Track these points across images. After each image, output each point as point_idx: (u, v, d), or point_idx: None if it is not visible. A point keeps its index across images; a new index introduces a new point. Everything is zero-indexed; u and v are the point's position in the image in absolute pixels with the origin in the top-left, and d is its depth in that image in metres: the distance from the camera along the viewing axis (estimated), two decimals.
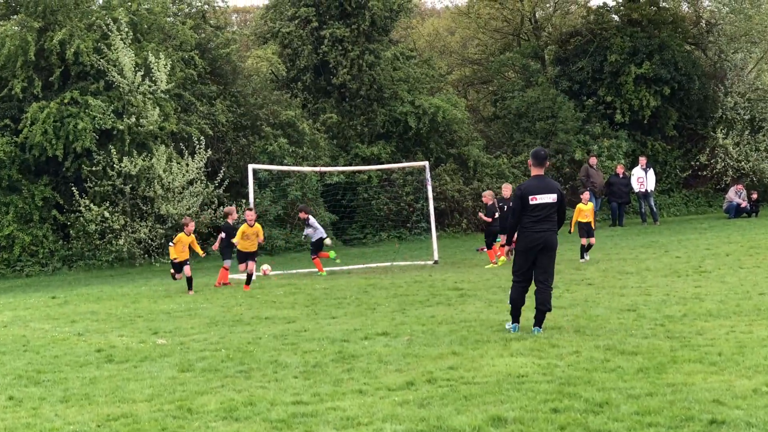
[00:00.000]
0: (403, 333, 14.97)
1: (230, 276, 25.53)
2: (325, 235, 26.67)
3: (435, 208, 30.78)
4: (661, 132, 43.90)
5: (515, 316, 14.84)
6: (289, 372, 12.41)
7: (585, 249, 25.23)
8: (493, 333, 14.43)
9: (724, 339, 13.13)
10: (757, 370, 11.06)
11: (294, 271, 27.04)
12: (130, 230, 31.36)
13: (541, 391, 10.52)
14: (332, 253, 26.76)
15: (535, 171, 14.77)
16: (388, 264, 27.54)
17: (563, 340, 13.66)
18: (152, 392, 11.60)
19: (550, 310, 14.62)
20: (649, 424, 9.01)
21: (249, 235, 23.81)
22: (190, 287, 22.70)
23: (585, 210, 25.22)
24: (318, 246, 26.36)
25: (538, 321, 14.56)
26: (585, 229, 25.03)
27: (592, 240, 25.13)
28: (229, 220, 25.39)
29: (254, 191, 27.86)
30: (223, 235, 25.16)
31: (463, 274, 23.75)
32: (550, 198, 14.51)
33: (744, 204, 38.71)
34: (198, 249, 24.25)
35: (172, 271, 23.79)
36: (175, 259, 23.38)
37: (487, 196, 26.93)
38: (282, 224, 34.44)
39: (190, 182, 31.99)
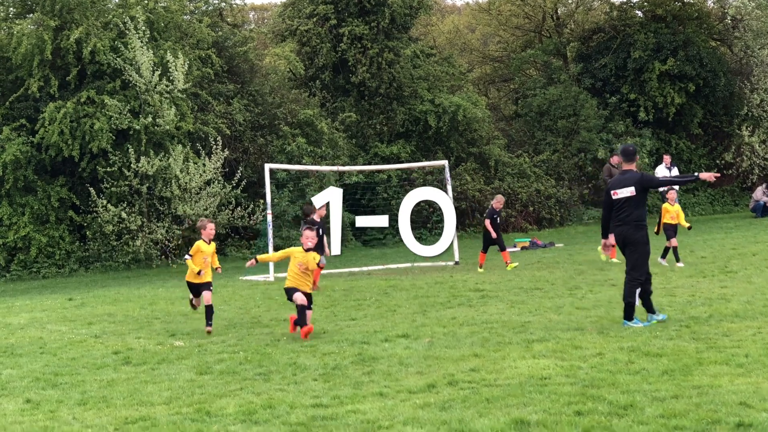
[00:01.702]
0: (424, 335, 14.82)
1: (253, 277, 25.40)
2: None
3: (455, 208, 30.61)
4: (686, 130, 43.65)
5: (646, 307, 15.07)
6: (309, 374, 12.29)
7: (668, 252, 23.81)
8: (515, 334, 14.25)
9: (751, 340, 12.92)
10: None
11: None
12: (147, 231, 31.26)
13: (564, 394, 10.36)
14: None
15: (625, 166, 15.00)
16: (409, 265, 27.37)
17: (586, 341, 13.48)
18: (170, 395, 11.49)
19: (630, 302, 14.65)
20: (674, 428, 8.85)
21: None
22: (209, 320, 16.58)
23: (671, 211, 24.13)
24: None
25: (627, 315, 14.68)
26: (673, 231, 23.81)
27: (674, 242, 23.51)
28: (316, 217, 23.39)
29: (272, 191, 27.73)
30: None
31: (484, 275, 23.56)
32: (628, 192, 14.69)
33: None
34: (215, 262, 18.07)
35: (190, 296, 17.97)
36: (198, 275, 17.42)
37: (499, 201, 26.12)
38: (300, 224, 34.28)
39: (207, 182, 31.88)
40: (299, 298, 15.47)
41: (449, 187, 29.18)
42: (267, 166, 27.53)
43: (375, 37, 37.53)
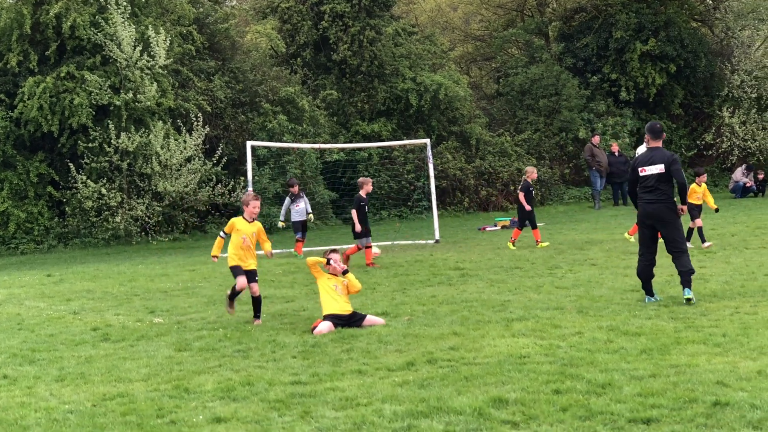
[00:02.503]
0: (404, 313, 14.84)
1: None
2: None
3: (436, 187, 30.60)
4: (667, 110, 43.66)
5: (646, 289, 15.08)
6: (288, 352, 12.31)
7: (692, 233, 22.86)
8: (494, 313, 14.27)
9: (729, 320, 12.98)
10: (762, 352, 10.92)
11: (293, 250, 26.82)
12: (127, 207, 31.14)
13: (543, 372, 10.40)
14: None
15: (651, 143, 14.98)
16: (389, 243, 27.35)
17: (566, 320, 13.52)
18: (148, 372, 11.49)
19: (692, 271, 14.67)
20: (651, 406, 8.89)
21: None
22: (257, 313, 15.00)
23: (698, 191, 23.68)
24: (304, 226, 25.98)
25: (685, 283, 14.61)
26: (698, 211, 23.32)
27: (698, 222, 22.66)
28: (363, 193, 22.50)
29: (253, 169, 27.65)
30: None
31: (464, 254, 23.58)
32: (657, 169, 14.67)
33: (750, 184, 38.53)
34: (266, 243, 15.67)
35: (228, 292, 15.37)
36: (237, 266, 15.06)
37: (532, 173, 25.37)
38: (281, 202, 34.22)
39: (188, 159, 31.75)
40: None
41: (431, 166, 29.15)
42: (248, 144, 27.46)
43: (356, 14, 37.40)
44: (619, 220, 30.78)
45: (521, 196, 24.62)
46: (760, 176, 39.08)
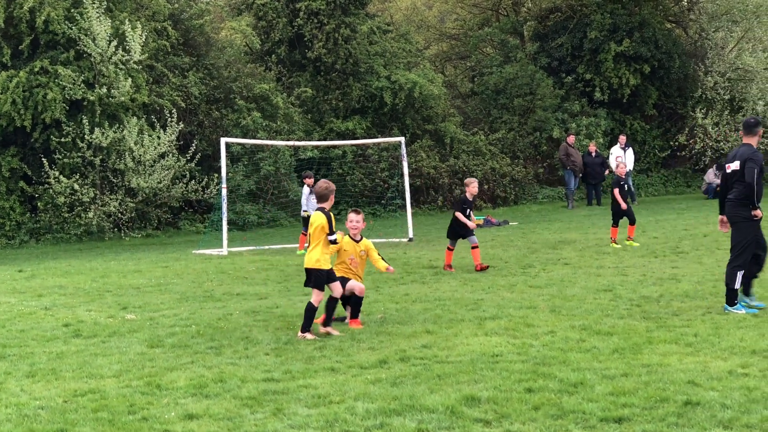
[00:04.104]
0: (377, 311, 14.85)
1: (206, 251, 25.30)
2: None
3: (410, 185, 30.62)
4: (641, 111, 43.82)
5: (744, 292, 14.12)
6: (261, 349, 12.30)
7: None
8: (467, 312, 14.30)
9: (700, 320, 13.06)
10: (733, 352, 11.00)
11: (266, 247, 26.81)
12: (100, 203, 31.00)
13: (515, 371, 10.43)
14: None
15: (744, 139, 14.22)
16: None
17: (538, 319, 13.56)
18: (120, 368, 11.46)
19: (730, 286, 13.72)
20: (623, 405, 8.94)
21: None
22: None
23: None
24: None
25: (726, 298, 13.83)
26: None
27: None
28: (468, 195, 20.68)
29: (227, 165, 27.57)
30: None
31: (438, 252, 23.60)
32: (735, 165, 13.94)
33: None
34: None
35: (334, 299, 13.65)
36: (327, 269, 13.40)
37: (622, 168, 24.48)
38: (255, 199, 34.20)
39: (162, 155, 31.64)
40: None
41: (405, 164, 29.16)
42: (222, 140, 27.39)
43: (332, 12, 37.34)
44: (593, 220, 30.87)
45: (615, 192, 23.71)
46: None
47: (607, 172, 37.49)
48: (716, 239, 23.17)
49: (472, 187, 20.70)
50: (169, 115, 31.85)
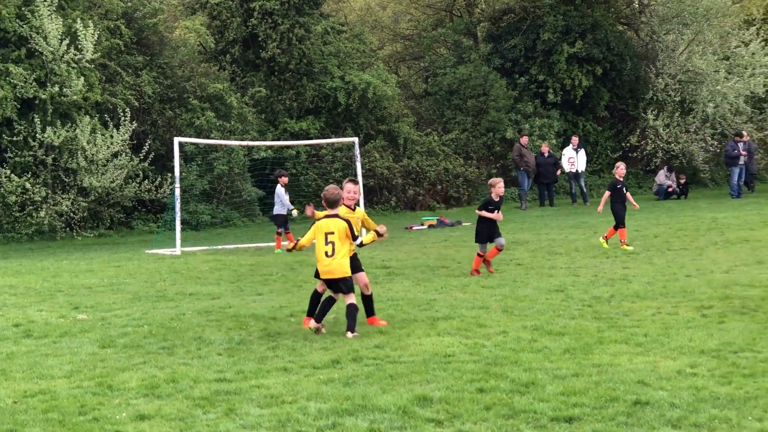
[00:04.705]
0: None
1: (159, 251, 25.17)
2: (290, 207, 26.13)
3: (364, 185, 30.63)
4: (593, 112, 44.10)
5: None
6: (213, 349, 12.27)
7: None
8: (420, 312, 14.34)
9: (651, 320, 13.17)
10: (682, 352, 11.10)
11: (220, 247, 26.74)
12: (52, 203, 30.77)
13: (467, 371, 10.47)
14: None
15: None
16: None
17: (491, 320, 13.62)
18: (71, 368, 11.39)
19: None
20: (574, 405, 9.00)
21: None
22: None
23: None
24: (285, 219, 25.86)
25: None
26: None
27: None
28: (493, 196, 19.89)
29: (180, 165, 27.47)
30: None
31: (391, 253, 23.64)
32: None
33: (672, 187, 39.04)
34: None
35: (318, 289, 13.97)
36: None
37: (620, 169, 23.79)
38: (208, 199, 34.09)
39: (115, 155, 31.44)
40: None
41: (358, 164, 29.19)
42: (176, 140, 27.28)
43: (286, 12, 37.28)
44: (545, 220, 31.05)
45: (606, 195, 23.29)
46: (682, 180, 39.62)
47: (559, 172, 37.73)
48: (667, 240, 23.39)
49: (498, 187, 19.88)
50: (122, 114, 31.65)
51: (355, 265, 13.73)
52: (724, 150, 40.48)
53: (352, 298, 13.15)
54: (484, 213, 19.58)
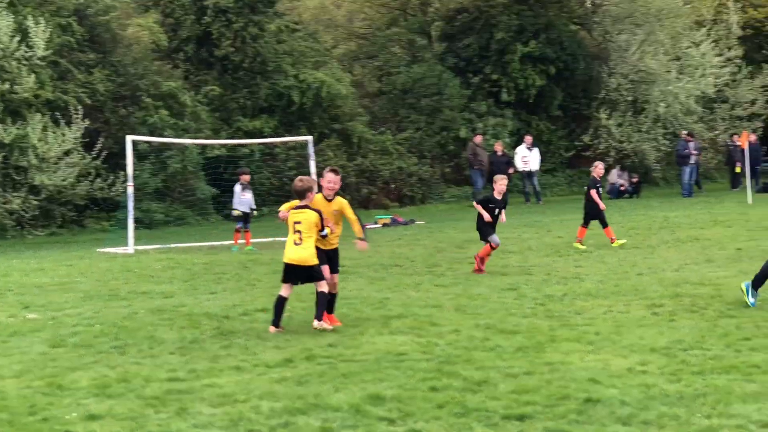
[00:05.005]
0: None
1: (111, 249, 25.02)
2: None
3: (318, 184, 30.55)
4: (546, 111, 44.32)
5: None
6: (166, 348, 12.21)
7: None
8: (373, 311, 14.36)
9: (602, 319, 13.26)
10: (633, 350, 11.18)
11: (173, 245, 26.61)
12: (2, 201, 30.48)
13: (420, 370, 10.49)
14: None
15: None
16: (270, 240, 27.29)
17: (444, 318, 13.65)
18: (21, 368, 11.28)
19: None
20: (526, 403, 9.03)
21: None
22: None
23: None
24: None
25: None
26: None
27: None
28: (495, 193, 19.42)
29: (133, 163, 27.30)
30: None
31: (344, 251, 23.43)
32: None
33: (625, 186, 39.31)
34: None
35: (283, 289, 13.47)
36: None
37: (599, 168, 24.05)
38: (162, 197, 33.93)
39: (66, 152, 31.21)
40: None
41: (312, 163, 29.16)
42: (128, 138, 27.12)
43: (240, 10, 37.16)
44: None
45: (593, 193, 23.32)
46: (635, 179, 39.91)
47: (512, 171, 37.88)
48: (619, 239, 23.50)
49: (500, 184, 19.43)
50: (74, 111, 31.43)
51: (334, 264, 13.75)
52: (675, 149, 40.82)
53: (323, 286, 13.14)
54: (479, 207, 19.19)
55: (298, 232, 13.20)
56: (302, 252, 13.18)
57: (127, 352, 12.06)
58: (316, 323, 12.90)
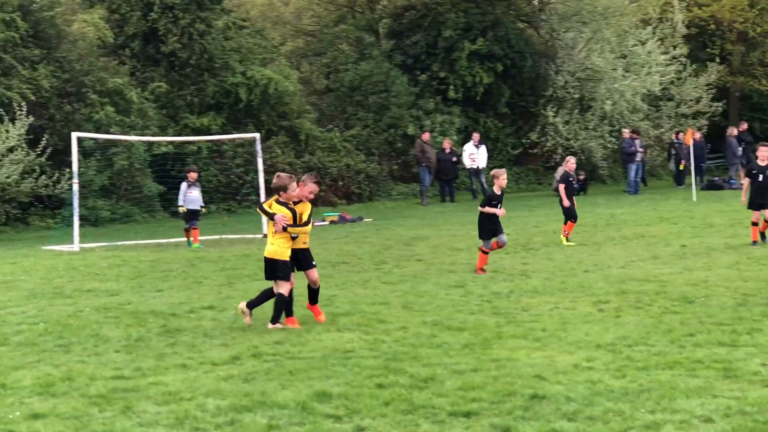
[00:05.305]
0: (230, 307, 14.79)
1: (56, 247, 24.80)
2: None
3: (265, 181, 30.48)
4: (494, 109, 44.46)
5: None
6: (111, 346, 12.14)
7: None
8: (322, 308, 14.32)
9: (548, 315, 13.32)
10: (579, 346, 11.24)
11: (119, 243, 26.43)
12: None
13: (367, 367, 10.49)
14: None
15: None
16: (217, 237, 27.20)
17: (391, 315, 13.67)
18: None
19: None
20: (472, 400, 9.05)
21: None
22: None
23: None
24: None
25: None
26: None
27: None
28: (495, 189, 18.93)
29: (78, 160, 27.07)
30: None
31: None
32: None
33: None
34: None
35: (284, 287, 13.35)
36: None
37: (571, 162, 24.44)
38: (108, 195, 33.67)
39: (10, 149, 30.89)
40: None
41: (260, 160, 29.08)
42: (74, 135, 26.91)
43: (187, 6, 36.96)
44: (446, 216, 31.24)
45: (561, 188, 23.47)
46: (581, 177, 40.17)
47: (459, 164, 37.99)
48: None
49: (501, 179, 18.91)
50: (18, 108, 31.11)
51: (308, 261, 13.72)
52: (621, 147, 41.11)
53: (283, 288, 13.14)
54: (488, 209, 18.64)
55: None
56: (269, 246, 13.36)
57: (71, 350, 11.97)
58: (270, 326, 12.99)
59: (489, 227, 18.62)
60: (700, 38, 49.43)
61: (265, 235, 13.76)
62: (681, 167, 40.92)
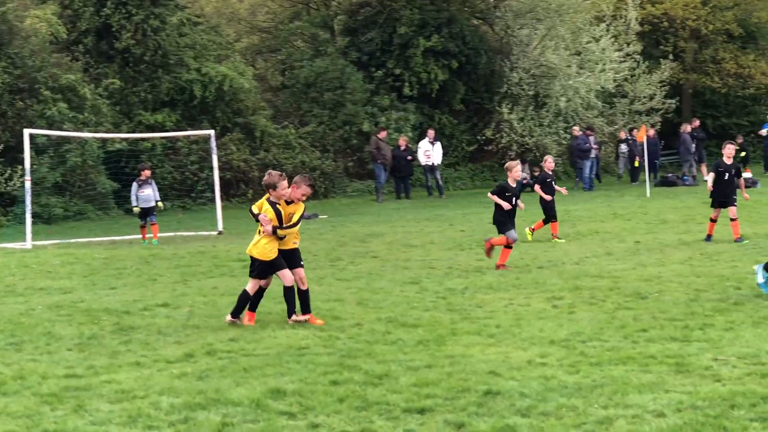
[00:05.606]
0: (184, 304, 14.76)
1: (8, 245, 24.57)
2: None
3: (220, 178, 30.43)
4: (449, 105, 44.50)
5: None
6: (63, 344, 12.07)
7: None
8: (275, 305, 14.31)
9: (503, 311, 13.38)
10: (533, 342, 11.31)
11: (72, 240, 26.24)
12: None
13: (321, 364, 10.50)
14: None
15: None
16: (172, 234, 27.07)
17: (345, 312, 13.68)
18: None
19: None
20: (426, 396, 9.09)
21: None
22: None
23: None
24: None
25: None
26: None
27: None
28: (510, 181, 18.63)
29: (31, 157, 26.85)
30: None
31: (247, 246, 23.47)
32: None
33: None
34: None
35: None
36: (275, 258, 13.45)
37: (549, 162, 24.15)
38: (61, 192, 33.41)
39: None
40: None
41: (215, 157, 28.99)
42: (26, 131, 26.69)
43: (140, 2, 36.71)
44: (401, 213, 31.26)
45: (537, 188, 23.40)
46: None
47: (414, 161, 38.04)
48: (520, 232, 23.71)
49: (515, 171, 18.62)
50: None
51: (296, 260, 13.65)
52: (575, 144, 41.28)
53: (251, 286, 13.21)
54: (496, 198, 18.36)
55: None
56: (251, 244, 13.46)
57: (23, 348, 11.90)
58: (228, 318, 13.10)
59: (506, 219, 18.28)
60: (654, 35, 49.77)
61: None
62: (636, 164, 41.22)
